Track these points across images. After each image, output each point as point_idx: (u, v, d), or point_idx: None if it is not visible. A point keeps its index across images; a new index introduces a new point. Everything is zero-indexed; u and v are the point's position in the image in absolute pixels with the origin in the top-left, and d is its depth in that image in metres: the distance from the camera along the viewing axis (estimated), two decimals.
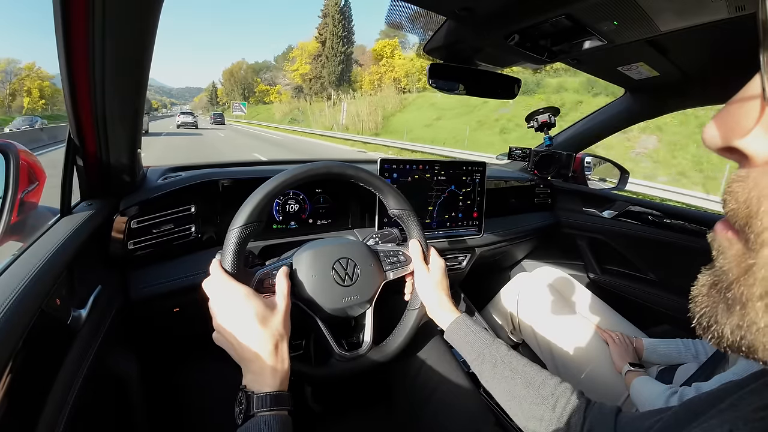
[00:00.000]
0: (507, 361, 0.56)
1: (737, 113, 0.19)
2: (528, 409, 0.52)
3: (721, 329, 0.20)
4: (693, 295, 0.22)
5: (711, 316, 0.21)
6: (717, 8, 0.63)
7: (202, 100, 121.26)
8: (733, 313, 0.19)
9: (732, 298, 0.19)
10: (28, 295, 0.40)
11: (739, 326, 0.19)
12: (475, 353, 0.59)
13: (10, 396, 0.35)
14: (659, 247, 1.20)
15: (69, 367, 0.48)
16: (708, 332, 0.21)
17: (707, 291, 0.21)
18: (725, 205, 0.20)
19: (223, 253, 0.53)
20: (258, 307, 0.49)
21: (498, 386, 0.56)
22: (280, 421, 0.45)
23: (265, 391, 0.46)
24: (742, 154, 0.19)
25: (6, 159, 0.63)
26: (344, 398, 0.90)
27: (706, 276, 0.22)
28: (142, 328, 0.77)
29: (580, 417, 0.48)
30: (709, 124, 0.20)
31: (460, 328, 0.62)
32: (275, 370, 0.47)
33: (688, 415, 0.32)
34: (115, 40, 0.45)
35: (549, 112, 1.41)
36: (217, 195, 0.83)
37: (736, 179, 0.19)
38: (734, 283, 0.19)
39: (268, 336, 0.48)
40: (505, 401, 0.55)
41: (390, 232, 0.79)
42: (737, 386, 0.30)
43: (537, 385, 0.53)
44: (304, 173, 0.59)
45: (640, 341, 0.98)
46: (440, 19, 0.79)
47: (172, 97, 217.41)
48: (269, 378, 0.47)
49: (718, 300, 0.20)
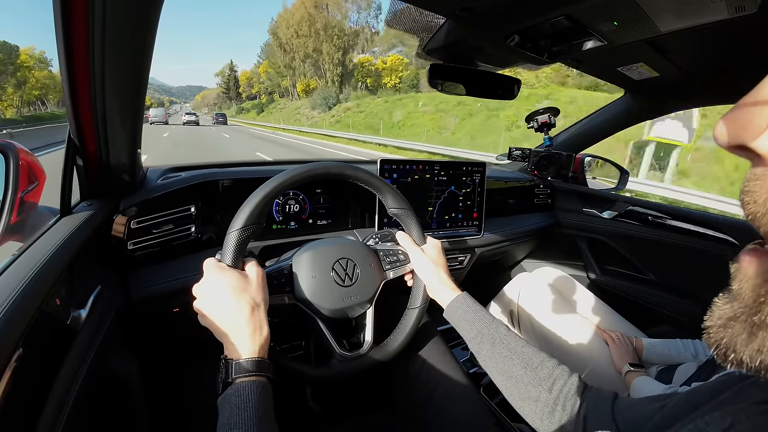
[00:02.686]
0: (506, 342, 0.56)
1: (750, 112, 0.18)
2: (524, 389, 0.52)
3: (740, 357, 0.19)
4: (706, 326, 0.21)
5: (729, 346, 0.20)
6: (717, 8, 0.63)
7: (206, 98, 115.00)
8: (753, 339, 0.19)
9: (758, 322, 0.19)
10: (28, 295, 0.40)
11: (758, 351, 0.19)
12: (475, 331, 0.59)
13: (10, 396, 0.35)
14: (659, 247, 1.20)
15: (69, 367, 0.48)
16: (726, 360, 0.20)
17: (725, 323, 0.20)
18: (745, 207, 0.19)
19: (222, 255, 0.53)
20: (231, 278, 0.50)
21: (495, 366, 0.56)
22: (259, 386, 0.45)
23: (244, 357, 0.46)
24: (755, 153, 0.18)
25: (6, 159, 0.63)
26: (344, 398, 0.90)
27: (723, 308, 0.21)
28: (142, 328, 0.77)
29: (576, 400, 0.48)
30: (721, 122, 0.20)
31: (460, 306, 0.62)
32: (252, 337, 0.48)
33: (689, 406, 0.32)
34: (115, 40, 0.45)
35: (549, 112, 1.41)
36: (217, 195, 0.83)
37: (753, 178, 0.19)
38: (761, 308, 0.19)
39: (243, 304, 0.49)
40: (502, 381, 0.55)
41: (390, 232, 0.79)
42: (738, 378, 0.30)
43: (534, 366, 0.53)
44: (304, 174, 0.59)
45: (639, 341, 0.98)
46: (440, 19, 0.79)
47: (172, 95, 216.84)
48: (248, 345, 0.47)
49: (739, 331, 0.20)
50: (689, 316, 1.12)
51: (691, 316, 1.12)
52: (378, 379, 0.79)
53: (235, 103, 65.81)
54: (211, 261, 0.53)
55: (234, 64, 73.67)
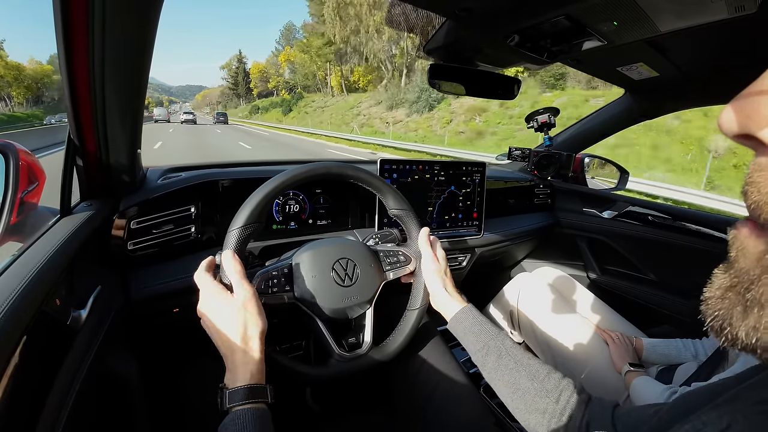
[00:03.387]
0: (512, 354, 0.56)
1: (757, 101, 0.18)
2: (531, 401, 0.52)
3: (735, 332, 0.20)
4: (705, 297, 0.22)
5: (725, 318, 0.20)
6: (717, 8, 0.63)
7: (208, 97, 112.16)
8: (749, 315, 0.19)
9: (751, 299, 0.19)
10: (28, 295, 0.40)
11: (755, 328, 0.19)
12: (481, 344, 0.59)
13: (11, 396, 0.35)
14: (659, 247, 1.20)
15: (69, 367, 0.48)
16: (721, 334, 0.20)
17: (723, 293, 0.21)
18: (747, 197, 0.19)
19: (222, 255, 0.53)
20: (221, 304, 0.50)
21: (501, 378, 0.56)
22: (255, 414, 0.45)
23: (238, 385, 0.46)
24: (760, 142, 0.18)
25: (6, 159, 0.63)
26: (344, 398, 0.90)
27: (721, 278, 0.21)
28: (142, 329, 0.77)
29: (580, 411, 0.49)
30: (727, 109, 0.19)
31: (466, 317, 0.62)
32: (245, 363, 0.48)
33: (686, 408, 0.32)
34: (115, 40, 0.45)
35: (549, 112, 1.41)
36: (217, 195, 0.83)
37: (757, 168, 0.19)
38: (754, 284, 0.19)
39: (234, 330, 0.49)
40: (508, 394, 0.55)
41: (390, 233, 0.79)
42: (736, 380, 0.30)
43: (541, 378, 0.53)
44: (304, 174, 0.59)
45: (639, 341, 0.98)
46: (440, 19, 0.79)
47: (172, 95, 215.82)
48: (240, 372, 0.47)
49: (735, 302, 0.20)
50: (689, 316, 1.12)
51: (691, 316, 1.12)
52: (378, 379, 0.79)
53: (244, 101, 53.69)
54: (202, 279, 0.52)
55: (243, 55, 58.73)
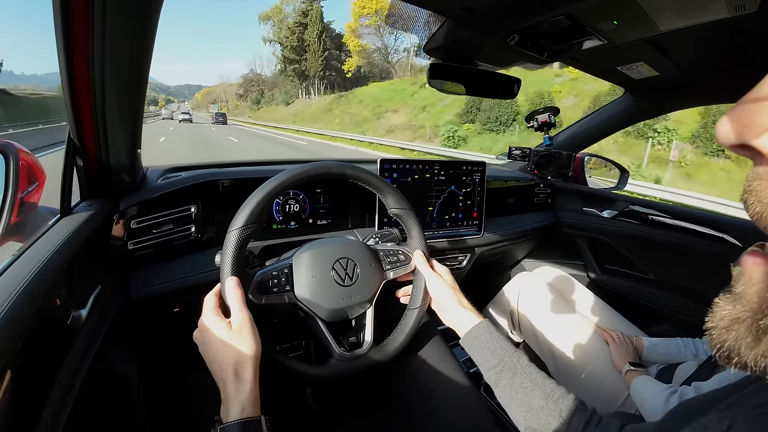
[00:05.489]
0: (527, 372, 0.54)
1: (753, 110, 0.18)
2: (545, 421, 0.50)
3: (744, 360, 0.19)
4: (708, 327, 0.21)
5: (733, 349, 0.20)
6: (717, 8, 0.63)
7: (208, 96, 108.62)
8: (759, 343, 0.18)
9: (764, 327, 0.18)
10: (28, 295, 0.40)
11: (764, 355, 0.18)
12: (497, 360, 0.57)
13: (11, 396, 0.35)
14: (659, 246, 1.20)
15: (69, 367, 0.48)
16: (729, 362, 0.20)
17: (729, 325, 0.20)
18: (749, 207, 0.19)
19: (222, 254, 0.53)
20: (212, 337, 0.49)
21: (515, 397, 0.54)
22: None
23: (230, 420, 0.45)
24: (757, 152, 0.18)
25: (6, 159, 0.63)
26: (344, 398, 0.90)
27: (726, 309, 0.20)
28: (142, 328, 0.77)
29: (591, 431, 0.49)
30: (723, 119, 0.19)
31: (482, 333, 0.60)
32: (236, 396, 0.47)
33: (687, 415, 0.32)
34: (115, 40, 0.45)
35: (549, 111, 1.41)
36: (217, 195, 0.83)
37: (756, 177, 0.18)
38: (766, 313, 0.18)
39: (225, 360, 0.48)
40: (521, 413, 0.53)
41: (390, 232, 0.79)
42: (736, 388, 0.29)
43: (556, 398, 0.51)
44: (304, 173, 0.59)
45: (640, 340, 0.98)
46: (440, 18, 0.79)
47: (170, 94, 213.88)
48: (231, 405, 0.46)
49: (744, 334, 0.19)
50: (689, 315, 1.12)
51: (692, 315, 1.12)
52: (378, 379, 0.79)
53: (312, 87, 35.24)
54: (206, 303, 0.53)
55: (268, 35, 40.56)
